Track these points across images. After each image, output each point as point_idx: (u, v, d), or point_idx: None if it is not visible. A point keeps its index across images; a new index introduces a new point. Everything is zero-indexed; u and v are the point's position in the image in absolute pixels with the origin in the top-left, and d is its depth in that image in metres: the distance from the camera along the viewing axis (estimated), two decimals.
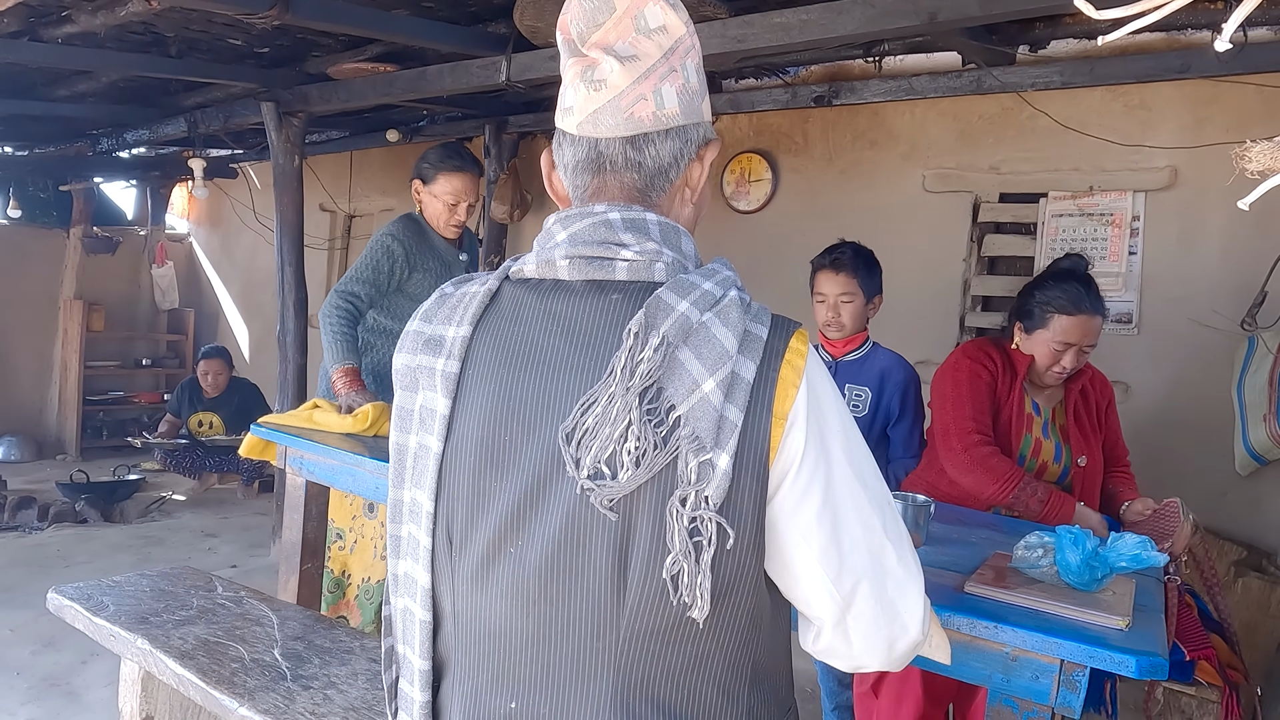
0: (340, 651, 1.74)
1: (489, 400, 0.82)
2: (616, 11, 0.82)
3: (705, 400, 0.75)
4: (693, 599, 0.76)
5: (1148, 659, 1.16)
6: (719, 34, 2.53)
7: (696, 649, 0.80)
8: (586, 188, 0.87)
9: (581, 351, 0.80)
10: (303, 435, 2.20)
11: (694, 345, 0.77)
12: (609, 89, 0.82)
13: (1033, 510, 1.93)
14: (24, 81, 4.15)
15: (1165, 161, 2.96)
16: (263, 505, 4.80)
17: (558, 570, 0.79)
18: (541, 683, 0.82)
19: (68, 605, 1.87)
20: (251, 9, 2.54)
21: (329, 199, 5.72)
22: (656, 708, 0.80)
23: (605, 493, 0.76)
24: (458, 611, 0.86)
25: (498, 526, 0.81)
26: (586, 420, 0.77)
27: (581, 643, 0.80)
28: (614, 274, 0.81)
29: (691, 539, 0.75)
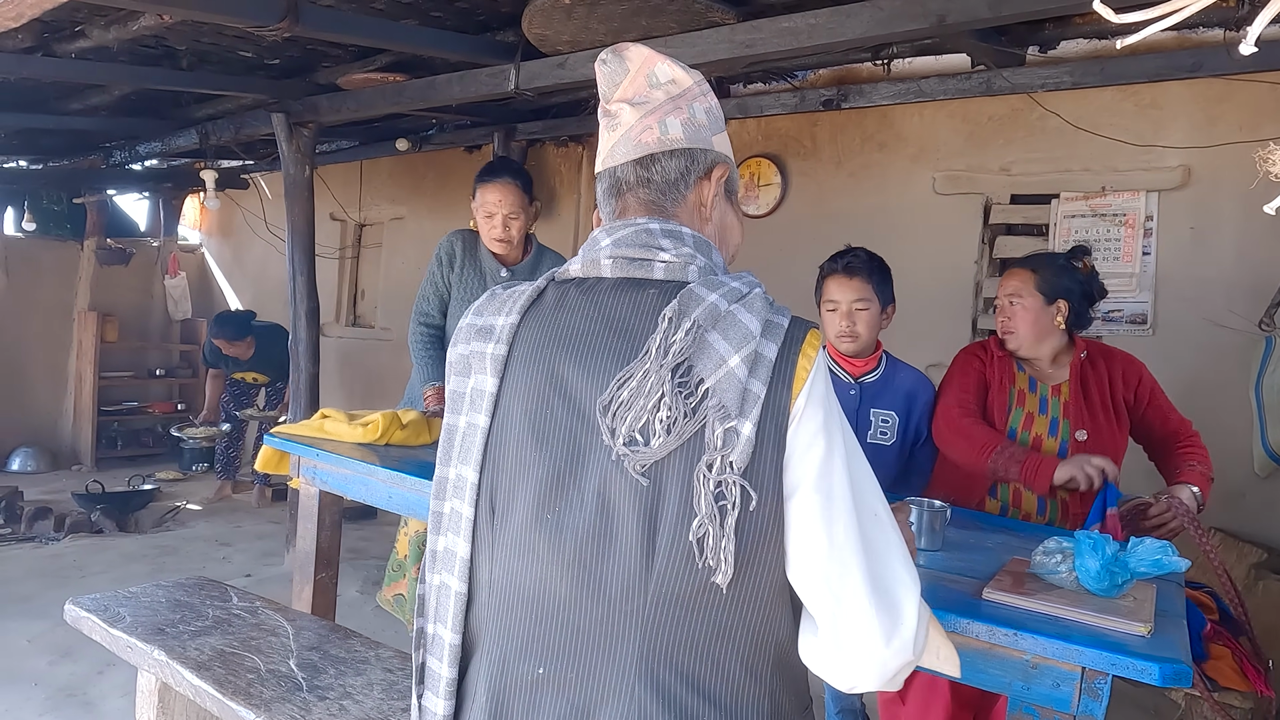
0: (355, 661, 1.74)
1: (533, 378, 0.90)
2: (630, 71, 0.96)
3: (731, 374, 0.83)
4: (717, 562, 0.82)
5: (1171, 666, 1.14)
6: (727, 39, 2.53)
7: (721, 618, 0.84)
8: (614, 211, 0.98)
9: (619, 336, 0.89)
10: (315, 445, 2.21)
11: (721, 328, 0.85)
12: (621, 127, 0.96)
13: (1013, 474, 1.97)
14: (38, 96, 4.19)
15: (1178, 161, 2.94)
16: (276, 514, 4.81)
17: (591, 534, 0.85)
18: (570, 648, 0.87)
19: (85, 616, 1.88)
20: (262, 21, 2.55)
21: (339, 208, 5.74)
22: (681, 677, 0.84)
23: (638, 458, 0.83)
24: (494, 579, 0.91)
25: (538, 494, 0.88)
26: (622, 394, 0.85)
27: (610, 607, 0.85)
28: (652, 273, 0.91)
29: (717, 503, 0.82)
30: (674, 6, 2.46)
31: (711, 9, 2.47)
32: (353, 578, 3.67)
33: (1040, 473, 1.93)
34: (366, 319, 5.85)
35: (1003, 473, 1.98)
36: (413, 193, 5.41)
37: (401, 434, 2.23)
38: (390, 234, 5.61)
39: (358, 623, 3.10)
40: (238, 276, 6.68)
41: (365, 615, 3.31)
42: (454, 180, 5.16)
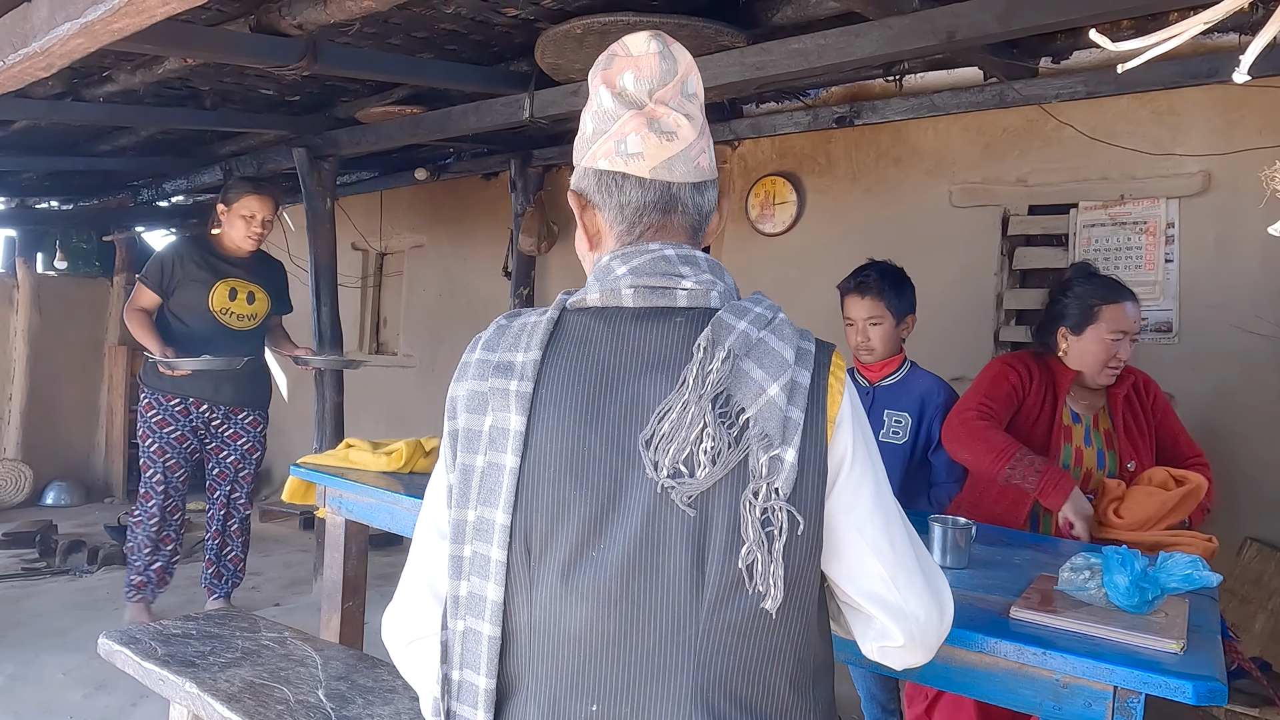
0: (383, 691, 1.75)
1: (566, 416, 0.89)
2: (678, 74, 0.95)
3: (771, 403, 0.86)
4: (766, 588, 0.84)
5: (1205, 684, 1.12)
6: (738, 62, 2.56)
7: (770, 642, 0.87)
8: (650, 225, 0.96)
9: (652, 368, 0.89)
10: (340, 474, 2.24)
11: (756, 357, 0.87)
12: (680, 140, 0.93)
13: (1029, 482, 1.91)
14: (68, 139, 4.32)
15: (1198, 166, 2.92)
16: (304, 541, 4.85)
17: (638, 568, 0.86)
18: (623, 683, 0.87)
19: (118, 650, 1.91)
20: (282, 61, 2.62)
21: (360, 238, 5.83)
22: (735, 702, 0.86)
23: (685, 490, 0.84)
24: (534, 622, 0.89)
25: (579, 532, 0.87)
26: (663, 427, 0.85)
27: (662, 639, 0.86)
28: (675, 301, 0.92)
29: (764, 529, 0.84)
30: (684, 33, 2.49)
31: (721, 33, 2.50)
32: (380, 605, 3.66)
33: (1059, 489, 1.88)
34: (389, 346, 5.91)
35: (1019, 479, 1.93)
36: (432, 221, 5.48)
37: (425, 461, 2.25)
38: (411, 262, 5.68)
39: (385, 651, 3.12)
40: None
41: None
42: (473, 208, 5.23)
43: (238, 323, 3.51)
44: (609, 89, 0.95)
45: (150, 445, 3.45)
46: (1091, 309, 2.02)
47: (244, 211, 3.44)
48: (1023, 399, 2.08)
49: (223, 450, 3.59)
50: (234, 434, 3.59)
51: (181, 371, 3.33)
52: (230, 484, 3.62)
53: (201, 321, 3.43)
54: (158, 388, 3.44)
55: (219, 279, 3.47)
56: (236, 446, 3.60)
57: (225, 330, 3.47)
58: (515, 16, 2.64)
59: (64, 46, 1.63)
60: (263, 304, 3.59)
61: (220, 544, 3.64)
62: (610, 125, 0.94)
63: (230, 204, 3.45)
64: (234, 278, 3.50)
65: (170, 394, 3.44)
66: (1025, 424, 2.07)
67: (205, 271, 3.45)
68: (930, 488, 2.36)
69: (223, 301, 3.47)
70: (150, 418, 3.45)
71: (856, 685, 2.51)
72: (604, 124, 0.95)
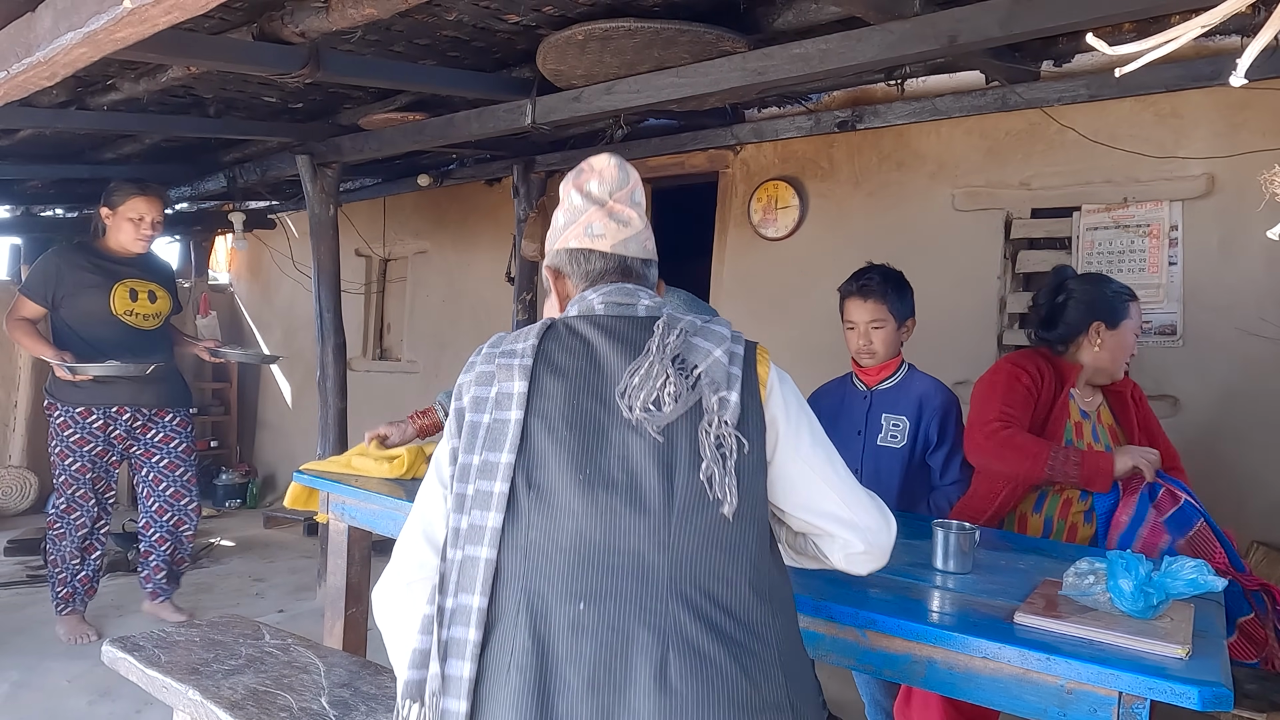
0: (386, 698, 1.74)
1: (558, 380, 1.13)
2: (630, 184, 1.28)
3: (717, 361, 1.13)
4: (724, 495, 1.06)
5: (1210, 689, 1.12)
6: (739, 67, 2.56)
7: (730, 545, 1.08)
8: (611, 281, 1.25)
9: (623, 344, 1.16)
10: (343, 481, 2.24)
11: (702, 335, 1.16)
12: (632, 228, 1.27)
13: (1071, 476, 1.94)
14: (73, 147, 4.33)
15: (1201, 169, 2.91)
16: (308, 548, 4.86)
17: (619, 487, 1.07)
18: (607, 583, 1.05)
19: (122, 658, 1.91)
20: (285, 69, 2.62)
21: (364, 244, 5.84)
22: (705, 595, 1.05)
23: (654, 420, 1.09)
24: (530, 541, 1.08)
25: (572, 465, 1.09)
26: (634, 380, 1.11)
27: (641, 543, 1.06)
28: (637, 312, 1.21)
29: (718, 449, 1.08)
30: (685, 38, 2.50)
31: (723, 38, 2.50)
32: None
33: (1100, 471, 1.93)
34: (393, 352, 5.92)
35: (1060, 477, 1.95)
36: (436, 227, 5.49)
37: (427, 468, 2.25)
38: (414, 268, 5.69)
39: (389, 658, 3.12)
40: (267, 314, 6.80)
41: None
42: (476, 213, 5.24)
43: (144, 323, 3.48)
44: (579, 191, 1.27)
45: (72, 464, 3.38)
46: (1126, 304, 2.12)
47: (131, 214, 3.39)
48: (1037, 399, 2.08)
49: (153, 454, 3.54)
50: (164, 437, 3.55)
51: (84, 377, 3.26)
52: (170, 487, 3.57)
53: (107, 327, 3.37)
54: (72, 402, 3.34)
55: (116, 281, 3.41)
56: (169, 449, 3.55)
57: (133, 332, 3.42)
58: (517, 23, 2.65)
59: (67, 56, 1.63)
60: (164, 302, 3.56)
61: (170, 549, 3.60)
62: (579, 217, 1.26)
63: (115, 207, 3.39)
64: (130, 278, 3.45)
65: (87, 408, 3.35)
66: (1036, 423, 2.07)
67: (98, 275, 3.39)
68: (930, 491, 2.35)
69: (125, 303, 3.42)
70: (68, 436, 3.36)
71: (860, 691, 2.50)
72: (574, 216, 1.27)
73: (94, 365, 3.25)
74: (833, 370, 2.60)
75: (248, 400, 6.90)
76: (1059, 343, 2.15)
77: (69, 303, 3.39)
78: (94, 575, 3.52)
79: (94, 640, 3.39)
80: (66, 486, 3.41)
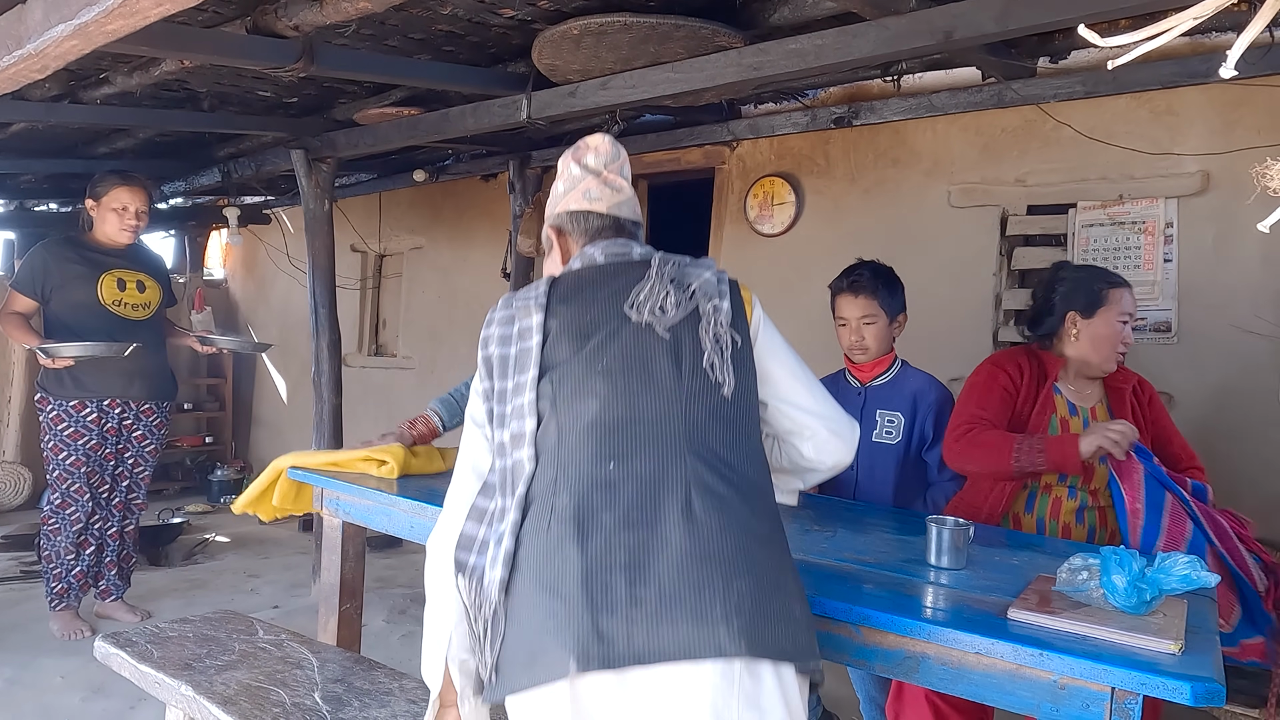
0: (379, 693, 1.74)
1: (571, 308, 1.35)
2: (620, 159, 1.51)
3: (707, 280, 1.36)
4: (724, 378, 1.29)
5: (1203, 685, 1.12)
6: (735, 63, 2.55)
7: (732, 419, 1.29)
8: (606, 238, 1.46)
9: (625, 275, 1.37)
10: (339, 477, 2.23)
11: (691, 265, 1.40)
12: (624, 194, 1.49)
13: (1039, 464, 1.93)
14: (66, 142, 4.31)
15: (1196, 166, 2.91)
16: (303, 544, 4.85)
17: (635, 373, 1.29)
18: (632, 445, 1.25)
19: (114, 653, 1.90)
20: (279, 63, 2.61)
21: (359, 240, 5.83)
22: (714, 453, 1.26)
23: (662, 322, 1.31)
24: (562, 425, 1.27)
25: (589, 360, 1.30)
26: (640, 295, 1.33)
27: (658, 414, 1.27)
28: (632, 257, 1.42)
29: (717, 343, 1.31)
30: (681, 33, 2.49)
31: (719, 34, 2.49)
32: (379, 607, 3.68)
33: (1066, 455, 1.89)
34: (388, 348, 5.91)
35: (1030, 467, 1.94)
36: (431, 222, 5.48)
37: (416, 463, 2.24)
38: (410, 264, 5.68)
39: (384, 653, 3.11)
40: (262, 310, 6.78)
41: (392, 645, 3.32)
42: (471, 209, 5.22)
43: (133, 313, 3.46)
44: (577, 164, 1.49)
45: (66, 458, 3.38)
46: (1101, 292, 2.07)
47: (115, 204, 3.39)
48: (1016, 395, 2.08)
49: (127, 451, 3.54)
50: (141, 435, 3.55)
51: (65, 361, 3.25)
52: (131, 485, 3.57)
53: (96, 317, 3.36)
54: (64, 396, 3.35)
55: (103, 271, 3.41)
56: (140, 448, 3.55)
57: (122, 322, 3.41)
58: (512, 18, 2.64)
59: (58, 48, 1.62)
60: (154, 292, 3.55)
61: (118, 547, 3.59)
62: (577, 184, 1.48)
63: (99, 198, 3.39)
64: (118, 268, 3.45)
65: (80, 402, 3.36)
66: (1020, 419, 2.07)
67: (86, 267, 3.39)
68: (926, 487, 2.35)
69: (113, 293, 3.41)
70: (61, 431, 3.36)
71: (856, 688, 2.50)
72: (572, 184, 1.49)
73: (69, 345, 3.23)
74: (828, 367, 2.60)
75: (242, 396, 6.89)
76: (1043, 336, 2.16)
77: (58, 295, 3.38)
78: (87, 570, 3.51)
79: (88, 636, 3.38)
80: (61, 481, 3.40)
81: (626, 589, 1.15)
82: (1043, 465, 1.92)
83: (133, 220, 3.43)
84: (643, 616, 1.14)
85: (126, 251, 3.52)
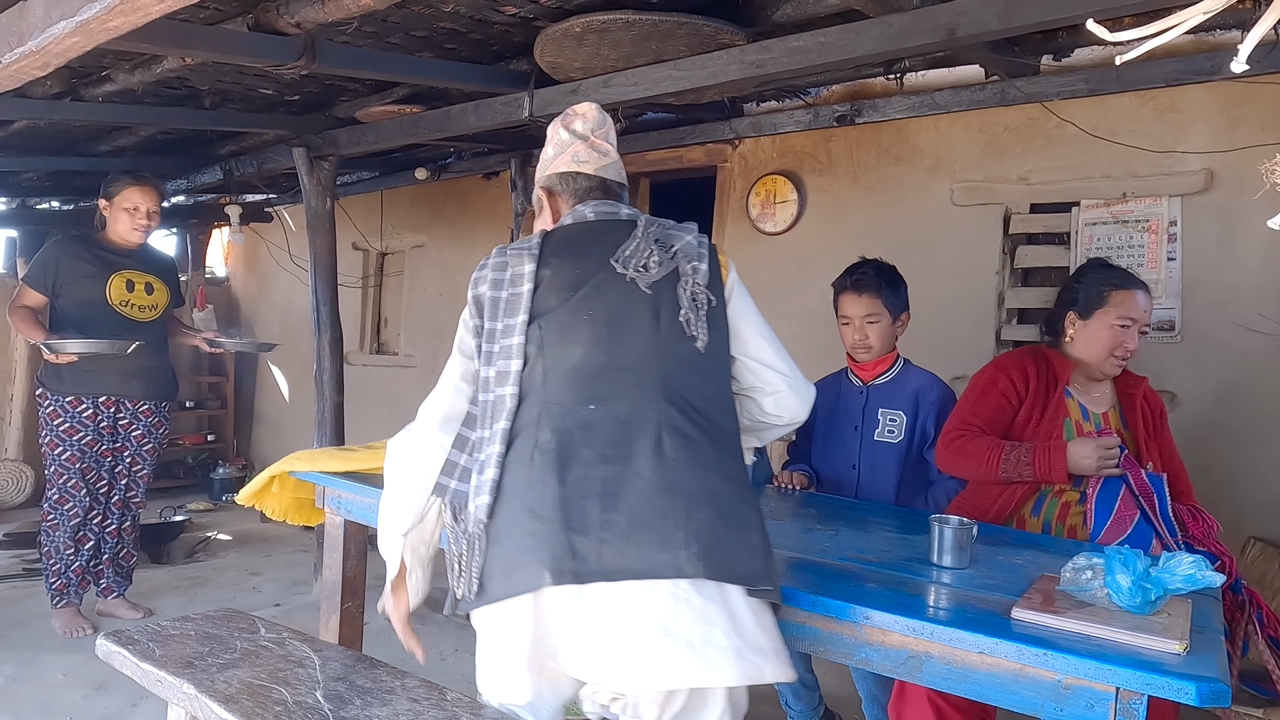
0: (381, 692, 1.74)
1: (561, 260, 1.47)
2: (606, 126, 1.62)
3: (688, 243, 1.49)
4: (697, 333, 1.42)
5: (1208, 685, 1.11)
6: (737, 60, 2.54)
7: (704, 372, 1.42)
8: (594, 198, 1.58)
9: (613, 234, 1.49)
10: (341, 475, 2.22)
11: (674, 228, 1.53)
12: (610, 158, 1.61)
13: (1025, 475, 1.90)
14: (68, 139, 4.31)
15: (1200, 164, 2.90)
16: (305, 542, 4.85)
17: (616, 323, 1.41)
18: (611, 389, 1.38)
19: (116, 651, 1.90)
20: (281, 60, 2.61)
21: (361, 238, 5.82)
22: (684, 399, 1.38)
23: (644, 278, 1.43)
24: (549, 368, 1.40)
25: (575, 309, 1.42)
26: (625, 252, 1.45)
27: (636, 361, 1.40)
28: (620, 216, 1.55)
29: (694, 301, 1.43)
30: (683, 30, 2.48)
31: (721, 31, 2.49)
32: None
33: (1052, 462, 1.86)
34: (390, 346, 5.91)
35: (1016, 477, 1.92)
36: (433, 220, 5.48)
37: None
38: (412, 262, 5.67)
39: (385, 650, 3.10)
40: (263, 308, 6.78)
41: (393, 643, 3.31)
42: (473, 207, 5.22)
43: (139, 314, 3.48)
44: (565, 129, 1.60)
45: (62, 454, 3.38)
46: (1101, 294, 2.01)
47: (126, 204, 3.42)
48: (1019, 401, 2.03)
49: (125, 449, 3.54)
50: (140, 435, 3.55)
51: (68, 357, 3.26)
52: (130, 484, 3.57)
53: (102, 316, 3.38)
54: (61, 392, 3.37)
55: (113, 271, 3.43)
56: (139, 447, 3.55)
57: (128, 323, 3.42)
58: (514, 15, 2.63)
59: (60, 45, 1.62)
60: (162, 294, 3.57)
61: (117, 545, 3.59)
62: (566, 149, 1.59)
63: (112, 198, 3.43)
64: (128, 269, 3.47)
65: (76, 398, 3.37)
66: (1028, 423, 2.03)
67: (96, 265, 3.41)
68: (928, 486, 2.34)
69: (121, 294, 3.43)
70: (58, 426, 3.38)
71: (858, 686, 2.50)
72: (561, 149, 1.60)
73: (72, 342, 3.24)
74: (830, 365, 2.59)
75: (244, 394, 6.89)
76: (1051, 335, 2.14)
77: (67, 291, 3.40)
78: (86, 565, 3.51)
79: (89, 634, 3.38)
80: (57, 476, 3.41)
81: (600, 514, 1.29)
82: (1029, 475, 1.91)
83: (144, 220, 3.47)
84: (613, 538, 1.27)
85: (137, 252, 3.54)
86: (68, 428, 3.38)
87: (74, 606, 3.48)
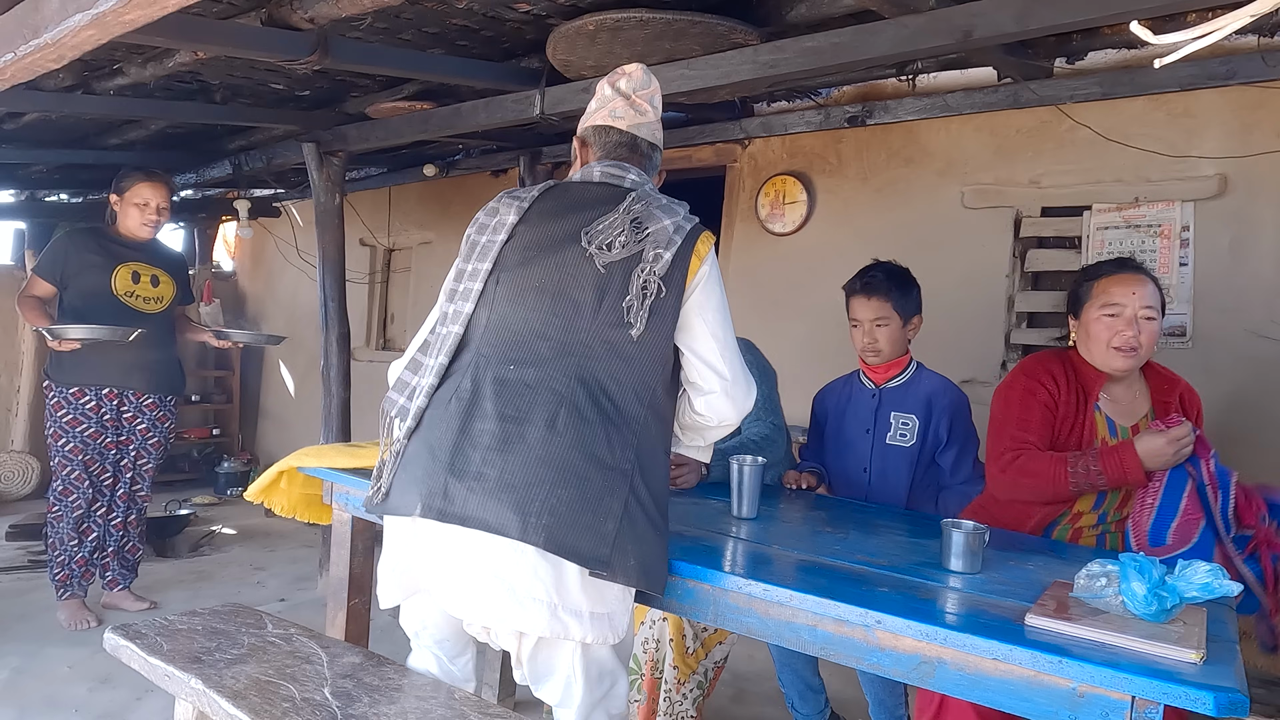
0: (389, 689, 1.73)
1: (544, 219, 1.56)
2: (650, 87, 1.70)
3: (664, 228, 1.51)
4: (635, 321, 1.47)
5: (1226, 695, 1.10)
6: (750, 60, 2.54)
7: (629, 359, 1.47)
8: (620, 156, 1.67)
9: (602, 202, 1.56)
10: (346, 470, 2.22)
11: (660, 209, 1.54)
12: (647, 118, 1.69)
13: (1098, 484, 1.78)
14: (78, 132, 4.31)
15: (1213, 169, 2.89)
16: (309, 537, 4.85)
17: (563, 294, 1.50)
18: (533, 358, 1.49)
19: (124, 645, 1.90)
20: (293, 55, 2.60)
21: (369, 234, 5.82)
22: (597, 383, 1.46)
23: (603, 258, 1.49)
24: (490, 321, 1.53)
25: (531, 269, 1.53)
26: (599, 226, 1.52)
27: (564, 337, 1.48)
28: (624, 183, 1.62)
29: (643, 289, 1.47)
30: (696, 30, 2.47)
31: (734, 31, 2.48)
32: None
33: (1125, 463, 1.75)
34: (396, 342, 5.91)
35: (1087, 489, 1.81)
36: (440, 217, 5.47)
37: None
38: (419, 258, 5.67)
39: (390, 648, 3.10)
40: (270, 303, 6.79)
41: (399, 640, 3.31)
42: (481, 204, 5.20)
43: (144, 306, 3.49)
44: (610, 85, 1.69)
45: (65, 445, 3.40)
46: (1085, 287, 1.90)
47: (137, 199, 3.45)
48: (1057, 408, 1.90)
49: (129, 442, 3.55)
50: (145, 428, 3.55)
51: (70, 343, 3.26)
52: (135, 477, 3.58)
53: (107, 306, 3.39)
54: (64, 383, 3.39)
55: (119, 263, 3.45)
56: (143, 440, 3.56)
57: (133, 314, 3.43)
58: (528, 13, 2.62)
59: (75, 38, 1.62)
60: (168, 288, 3.57)
61: (122, 538, 3.60)
62: (606, 104, 1.68)
63: (123, 193, 3.47)
64: (134, 261, 3.49)
65: (79, 389, 3.39)
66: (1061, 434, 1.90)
67: (102, 257, 3.44)
68: (939, 490, 2.33)
69: (126, 285, 3.45)
70: (61, 417, 3.40)
71: (865, 690, 2.49)
72: (602, 103, 1.69)
73: (74, 328, 3.25)
74: (840, 367, 2.58)
75: (250, 388, 6.90)
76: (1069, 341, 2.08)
77: (74, 282, 3.42)
78: (90, 557, 3.52)
79: (94, 626, 3.39)
80: (61, 468, 3.42)
81: (479, 465, 1.42)
82: (1103, 484, 1.78)
83: (153, 215, 3.49)
84: (480, 490, 1.41)
85: (146, 246, 3.56)
86: (71, 419, 3.40)
87: (79, 599, 3.48)
